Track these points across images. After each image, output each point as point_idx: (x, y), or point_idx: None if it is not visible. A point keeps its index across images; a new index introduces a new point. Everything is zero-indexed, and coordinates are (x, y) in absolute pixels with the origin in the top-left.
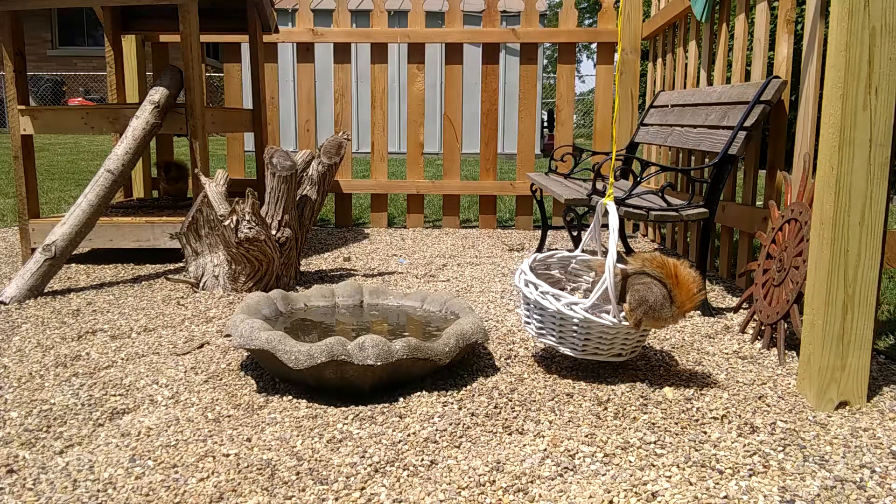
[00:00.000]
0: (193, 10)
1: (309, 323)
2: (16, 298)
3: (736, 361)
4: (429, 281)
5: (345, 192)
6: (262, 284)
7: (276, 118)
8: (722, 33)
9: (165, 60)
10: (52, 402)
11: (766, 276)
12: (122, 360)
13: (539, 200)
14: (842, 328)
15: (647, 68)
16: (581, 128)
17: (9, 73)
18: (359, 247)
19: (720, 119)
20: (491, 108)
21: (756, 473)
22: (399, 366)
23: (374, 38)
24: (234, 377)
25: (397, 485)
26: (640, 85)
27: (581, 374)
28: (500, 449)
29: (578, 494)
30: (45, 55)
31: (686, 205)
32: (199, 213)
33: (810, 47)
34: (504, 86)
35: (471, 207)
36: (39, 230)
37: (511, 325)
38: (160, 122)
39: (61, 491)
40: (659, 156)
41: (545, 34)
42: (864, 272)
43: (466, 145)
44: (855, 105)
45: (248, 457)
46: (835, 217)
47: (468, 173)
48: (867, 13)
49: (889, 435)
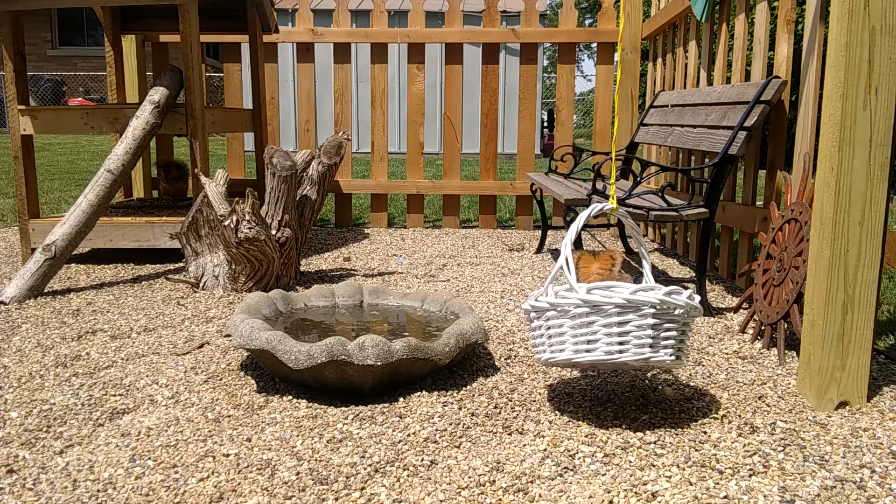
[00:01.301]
0: (193, 10)
1: (309, 323)
2: (16, 298)
3: (736, 361)
4: (429, 281)
5: (345, 192)
6: (262, 284)
7: (276, 118)
8: (722, 33)
9: (165, 60)
10: (52, 402)
11: (766, 276)
12: (122, 360)
13: (539, 200)
14: (842, 328)
15: (647, 68)
16: (581, 128)
17: (9, 73)
18: (359, 247)
19: (720, 119)
20: (491, 108)
21: (756, 473)
22: (399, 366)
23: (374, 38)
24: (234, 377)
25: (397, 485)
26: (640, 85)
27: (581, 374)
28: (500, 449)
29: (578, 494)
30: (45, 55)
31: (686, 205)
32: (199, 213)
33: (810, 47)
34: (504, 86)
35: (471, 207)
36: (39, 230)
37: (511, 325)
38: (160, 122)
39: (61, 491)
40: (659, 156)
41: (545, 34)
42: (864, 272)
43: (466, 145)
44: (855, 105)
45: (248, 457)
46: (835, 217)
47: (468, 173)
48: (867, 13)
49: (889, 435)
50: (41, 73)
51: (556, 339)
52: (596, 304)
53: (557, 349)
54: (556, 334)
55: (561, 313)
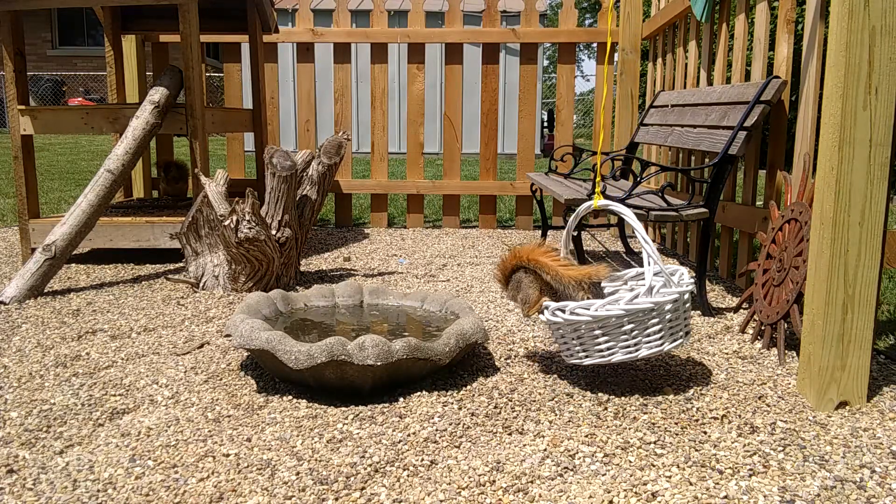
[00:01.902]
0: (193, 10)
1: (309, 323)
2: (16, 298)
3: (736, 361)
4: (429, 281)
5: (345, 192)
6: (262, 284)
7: (276, 118)
8: (722, 33)
9: (165, 60)
10: (52, 402)
11: (766, 276)
12: (122, 360)
13: (539, 200)
14: (842, 328)
15: (647, 68)
16: (581, 128)
17: (9, 73)
18: (359, 247)
19: (720, 119)
20: (491, 108)
21: (756, 473)
22: (399, 366)
23: (374, 38)
24: (234, 377)
25: (397, 485)
26: (640, 85)
27: (581, 374)
28: (500, 449)
29: (578, 494)
30: (45, 55)
31: (686, 205)
32: (199, 213)
33: (810, 47)
34: (504, 86)
35: (471, 207)
36: (39, 230)
37: (511, 325)
38: (160, 122)
39: (61, 491)
40: (659, 156)
41: (545, 34)
42: (864, 272)
43: (466, 145)
44: (855, 105)
45: (248, 457)
46: (835, 217)
47: (468, 173)
48: (867, 13)
49: (889, 435)
50: (41, 73)
51: (603, 345)
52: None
53: (606, 352)
54: (601, 339)
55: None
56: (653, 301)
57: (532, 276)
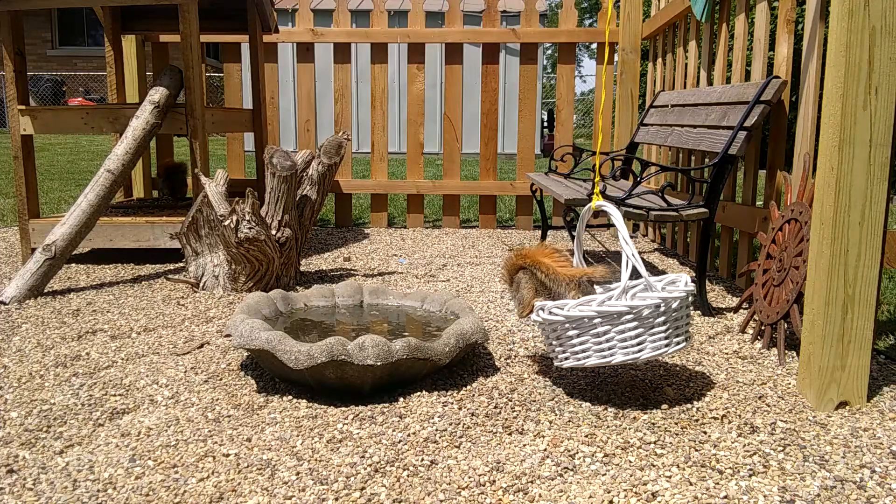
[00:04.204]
0: (193, 10)
1: (309, 323)
2: (16, 298)
3: (736, 361)
4: (429, 281)
5: (345, 192)
6: (262, 284)
7: (276, 118)
8: (722, 33)
9: (165, 60)
10: (52, 402)
11: (766, 276)
12: (122, 360)
13: (539, 200)
14: (842, 328)
15: (647, 68)
16: (581, 128)
17: (9, 73)
18: (359, 247)
19: (720, 119)
20: (491, 108)
21: (756, 473)
22: (399, 366)
23: (374, 38)
24: (234, 377)
25: (397, 485)
26: (640, 85)
27: (581, 374)
28: (500, 449)
29: (578, 494)
30: (45, 55)
31: (686, 205)
32: (199, 213)
33: (810, 47)
34: (504, 86)
35: (471, 207)
36: (39, 230)
37: (511, 325)
38: (160, 122)
39: (61, 491)
40: (659, 156)
41: (545, 34)
42: (864, 272)
43: (466, 145)
44: (855, 105)
45: (248, 457)
46: (835, 217)
47: (468, 173)
48: (867, 13)
49: (889, 435)
50: (41, 73)
51: (605, 343)
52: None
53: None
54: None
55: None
56: (628, 304)
57: (529, 276)
